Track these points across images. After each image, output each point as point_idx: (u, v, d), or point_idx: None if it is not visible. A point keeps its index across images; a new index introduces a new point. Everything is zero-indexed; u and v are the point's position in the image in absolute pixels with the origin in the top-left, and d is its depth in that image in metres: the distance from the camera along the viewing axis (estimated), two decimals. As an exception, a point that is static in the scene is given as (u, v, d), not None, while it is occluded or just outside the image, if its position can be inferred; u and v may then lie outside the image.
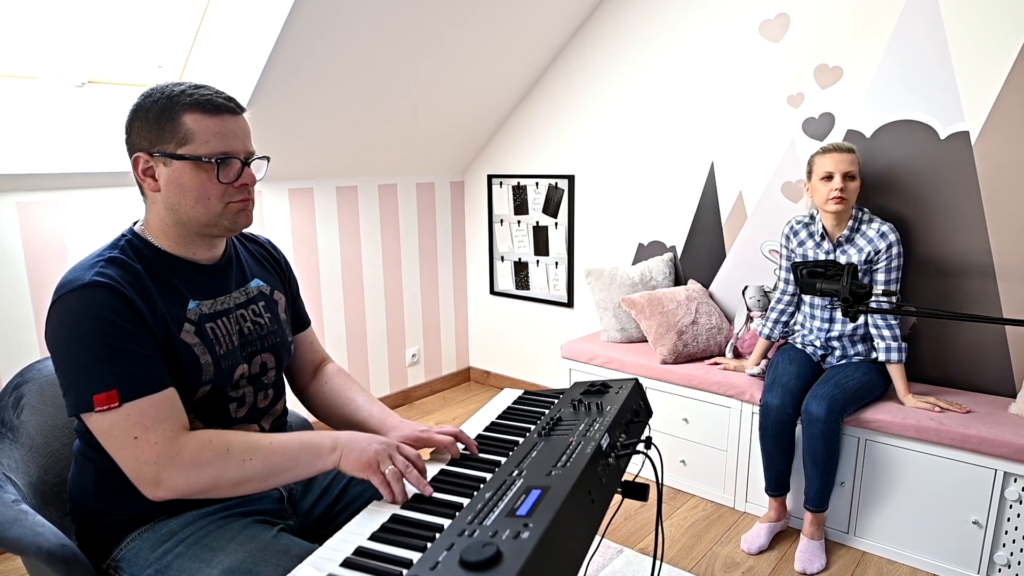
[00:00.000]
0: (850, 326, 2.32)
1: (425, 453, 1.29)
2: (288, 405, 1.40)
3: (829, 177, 2.22)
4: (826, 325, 2.36)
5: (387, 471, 1.04)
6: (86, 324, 1.02)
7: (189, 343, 1.12)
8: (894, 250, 2.23)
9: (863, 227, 2.27)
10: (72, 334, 1.02)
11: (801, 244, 2.38)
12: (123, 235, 1.16)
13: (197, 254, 1.18)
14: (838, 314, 2.33)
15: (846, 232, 2.27)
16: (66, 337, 1.03)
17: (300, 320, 1.43)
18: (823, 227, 2.31)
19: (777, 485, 2.30)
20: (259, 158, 1.18)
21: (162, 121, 1.08)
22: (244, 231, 1.35)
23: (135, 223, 1.19)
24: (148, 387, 1.03)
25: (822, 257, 2.33)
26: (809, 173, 2.31)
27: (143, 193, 1.15)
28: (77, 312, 1.03)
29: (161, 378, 1.06)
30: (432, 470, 1.14)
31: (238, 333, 1.21)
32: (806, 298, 2.43)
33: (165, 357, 1.08)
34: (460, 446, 1.19)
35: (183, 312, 1.13)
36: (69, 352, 1.03)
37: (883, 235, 2.24)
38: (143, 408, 1.02)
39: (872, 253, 2.24)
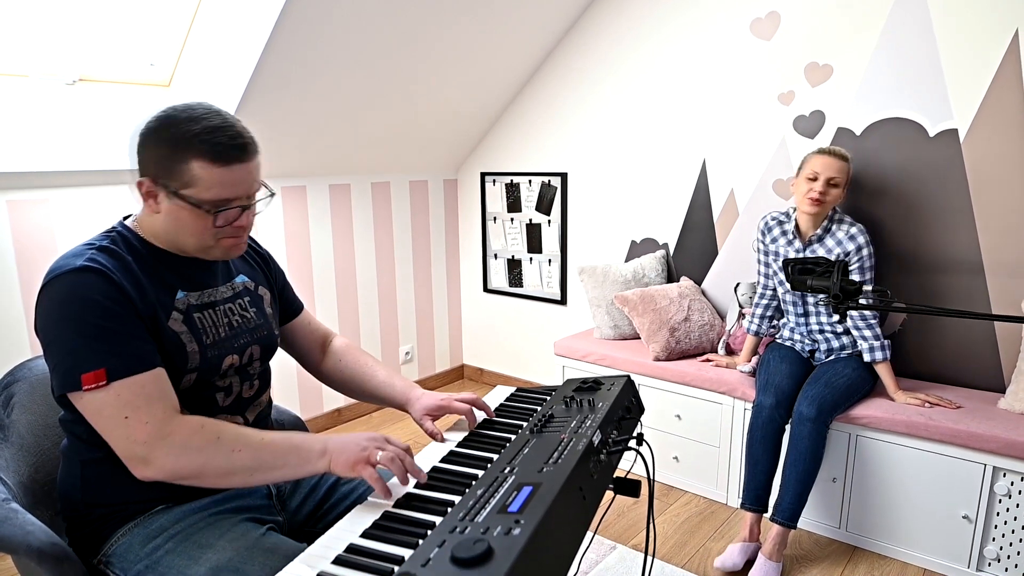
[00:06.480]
0: (824, 318, 2.33)
1: (449, 420, 1.40)
2: (276, 401, 1.42)
3: (814, 178, 2.23)
4: (802, 319, 2.38)
5: (380, 456, 1.05)
6: (75, 305, 1.03)
7: (176, 331, 1.13)
8: (864, 252, 2.25)
9: (834, 227, 2.29)
10: (61, 315, 1.03)
11: (774, 241, 2.40)
12: (113, 228, 1.17)
13: (185, 251, 1.19)
14: (811, 307, 2.35)
15: (819, 232, 2.28)
16: (55, 318, 1.03)
17: (292, 307, 1.45)
18: (796, 225, 2.33)
19: (756, 497, 2.20)
20: (262, 198, 1.17)
21: (170, 159, 1.07)
22: None
23: (126, 218, 1.20)
24: (137, 366, 1.04)
25: (792, 255, 2.33)
26: (799, 169, 2.32)
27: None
28: (66, 295, 1.03)
29: (150, 359, 1.06)
30: (430, 461, 1.15)
31: (227, 325, 1.22)
32: (779, 292, 2.44)
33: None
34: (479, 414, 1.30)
35: (171, 301, 1.15)
36: (58, 333, 1.03)
37: (852, 237, 2.25)
38: (132, 388, 1.02)
39: (842, 255, 2.26)
